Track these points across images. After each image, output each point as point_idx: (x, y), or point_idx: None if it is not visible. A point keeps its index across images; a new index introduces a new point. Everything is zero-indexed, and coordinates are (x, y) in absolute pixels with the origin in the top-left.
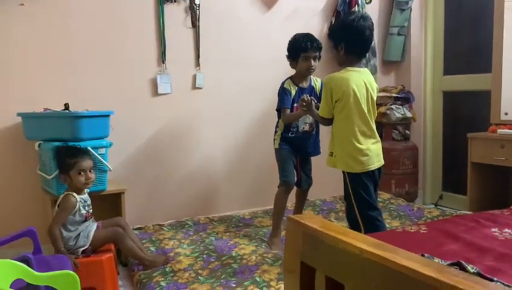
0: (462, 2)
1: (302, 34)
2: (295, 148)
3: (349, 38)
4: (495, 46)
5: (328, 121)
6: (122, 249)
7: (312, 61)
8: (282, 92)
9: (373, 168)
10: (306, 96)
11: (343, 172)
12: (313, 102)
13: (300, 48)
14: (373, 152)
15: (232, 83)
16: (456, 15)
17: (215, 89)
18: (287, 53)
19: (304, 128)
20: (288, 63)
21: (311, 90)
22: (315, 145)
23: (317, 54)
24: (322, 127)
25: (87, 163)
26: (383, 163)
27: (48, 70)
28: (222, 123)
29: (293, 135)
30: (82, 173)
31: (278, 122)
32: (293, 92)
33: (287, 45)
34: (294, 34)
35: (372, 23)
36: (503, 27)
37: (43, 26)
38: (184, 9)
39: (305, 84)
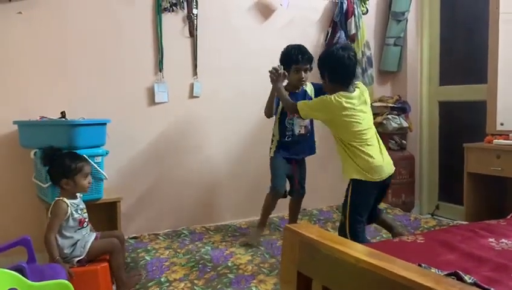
0: (457, 13)
1: (295, 45)
2: (292, 151)
3: (330, 67)
4: (490, 57)
5: (293, 108)
6: (112, 262)
7: (303, 73)
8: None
9: (378, 180)
10: (279, 66)
11: (349, 182)
12: (283, 74)
13: (292, 60)
14: (378, 164)
15: (229, 91)
16: (452, 26)
17: (212, 97)
18: (279, 63)
19: (300, 131)
20: None
21: (304, 93)
22: (311, 146)
23: (308, 66)
24: (317, 128)
25: (89, 167)
26: (390, 174)
27: (44, 78)
28: (219, 132)
29: (290, 139)
30: (86, 176)
31: (273, 130)
32: None
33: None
34: (287, 45)
35: (355, 52)
36: (498, 38)
37: (40, 34)
38: (182, 18)
39: (296, 90)
